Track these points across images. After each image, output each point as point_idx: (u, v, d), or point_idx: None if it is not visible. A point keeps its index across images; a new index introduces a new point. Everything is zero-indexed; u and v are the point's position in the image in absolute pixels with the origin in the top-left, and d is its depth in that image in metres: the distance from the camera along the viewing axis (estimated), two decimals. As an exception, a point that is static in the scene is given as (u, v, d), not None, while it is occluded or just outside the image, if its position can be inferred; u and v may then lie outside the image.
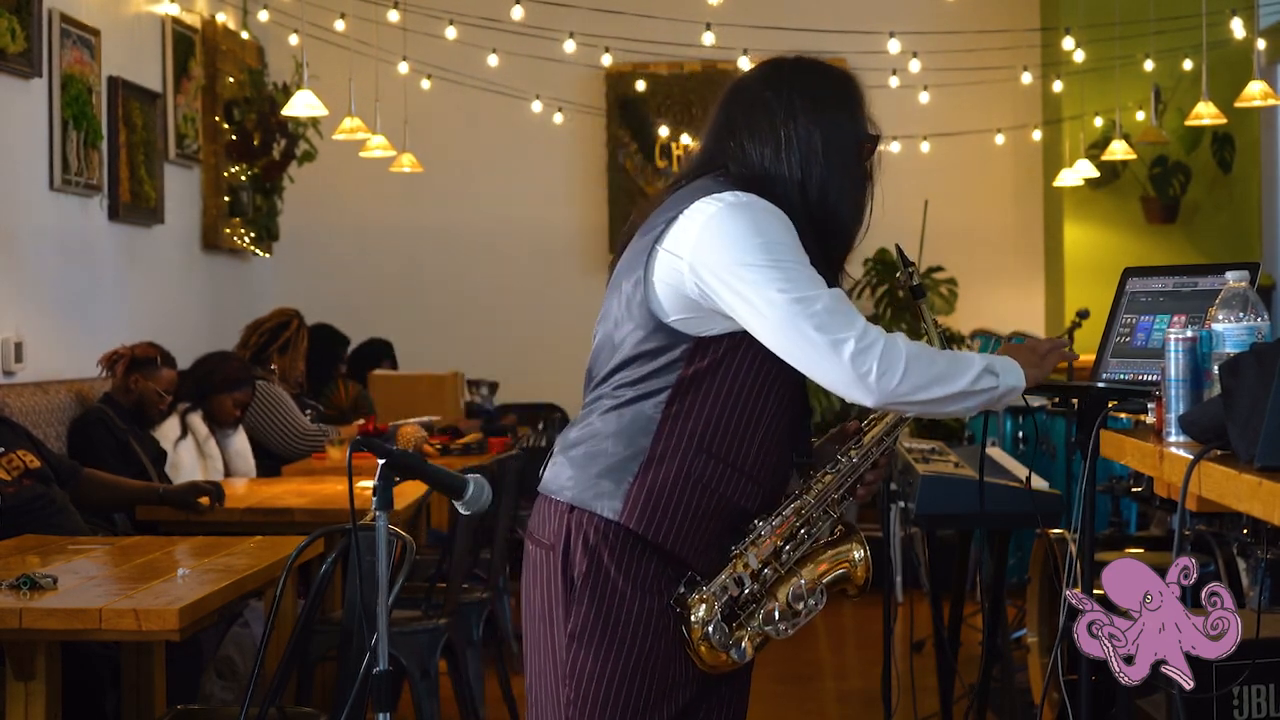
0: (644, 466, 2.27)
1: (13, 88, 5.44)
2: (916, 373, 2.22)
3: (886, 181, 2.55)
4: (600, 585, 2.27)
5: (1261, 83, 6.59)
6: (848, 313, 2.23)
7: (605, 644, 2.27)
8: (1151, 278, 2.65)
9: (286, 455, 6.05)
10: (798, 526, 2.32)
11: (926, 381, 2.23)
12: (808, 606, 2.31)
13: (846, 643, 6.57)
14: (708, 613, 2.25)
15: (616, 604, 2.27)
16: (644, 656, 2.27)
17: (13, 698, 3.06)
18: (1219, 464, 1.93)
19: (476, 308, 8.65)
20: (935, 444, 4.88)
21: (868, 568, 2.37)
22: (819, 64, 2.46)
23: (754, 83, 2.43)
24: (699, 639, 2.26)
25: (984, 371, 2.28)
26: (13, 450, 4.36)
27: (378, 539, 2.29)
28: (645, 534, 2.26)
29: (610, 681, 2.28)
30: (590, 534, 2.28)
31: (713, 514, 2.28)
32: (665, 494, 2.26)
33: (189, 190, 7.19)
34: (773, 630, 2.29)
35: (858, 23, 8.17)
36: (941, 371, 2.24)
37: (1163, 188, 8.34)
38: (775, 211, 2.29)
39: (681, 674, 2.30)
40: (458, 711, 4.45)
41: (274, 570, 3.54)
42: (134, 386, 5.31)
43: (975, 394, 2.27)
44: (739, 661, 2.29)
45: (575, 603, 2.29)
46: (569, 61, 8.10)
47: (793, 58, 2.47)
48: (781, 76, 2.41)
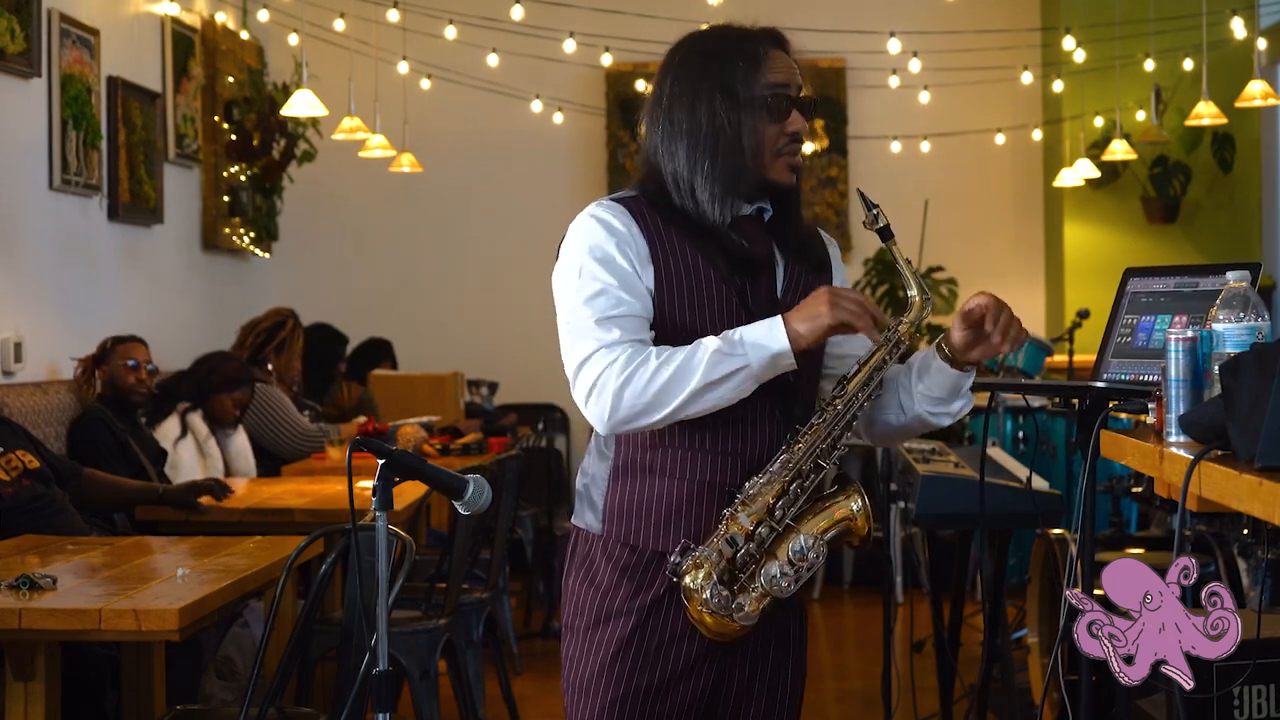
0: (613, 475, 2.35)
1: (12, 88, 5.44)
2: (632, 395, 2.21)
3: (887, 181, 2.54)
4: (588, 574, 2.36)
5: (1262, 82, 6.59)
6: (585, 338, 2.25)
7: (591, 630, 2.34)
8: (1152, 278, 2.65)
9: (287, 456, 6.06)
10: (789, 481, 2.27)
11: (647, 401, 2.21)
12: (810, 561, 2.26)
13: (846, 643, 6.57)
14: (704, 578, 2.24)
15: (601, 592, 2.34)
16: (631, 643, 2.31)
17: (12, 698, 3.06)
18: (1219, 464, 1.93)
19: (476, 308, 8.65)
20: (935, 444, 4.88)
21: (868, 517, 2.32)
22: (710, 40, 2.39)
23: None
24: (699, 605, 2.25)
25: (718, 355, 2.19)
26: (11, 450, 4.35)
27: (378, 539, 2.29)
28: (629, 540, 2.32)
29: (597, 667, 2.33)
30: (579, 543, 2.40)
31: (693, 498, 2.30)
32: (638, 498, 2.32)
33: (188, 190, 7.19)
34: (775, 588, 2.25)
35: (858, 23, 8.18)
36: (664, 383, 2.20)
37: (1163, 188, 8.34)
38: (594, 220, 2.31)
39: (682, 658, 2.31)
40: (458, 711, 4.45)
41: (274, 570, 3.54)
42: (104, 378, 5.32)
43: (720, 382, 2.20)
44: (744, 625, 2.26)
45: (569, 596, 2.39)
46: (569, 61, 8.10)
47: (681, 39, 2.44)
48: (664, 62, 2.40)
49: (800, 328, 2.21)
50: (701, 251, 2.31)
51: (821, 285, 2.36)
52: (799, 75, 2.37)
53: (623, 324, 2.26)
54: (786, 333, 2.21)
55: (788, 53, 2.39)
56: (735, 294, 2.32)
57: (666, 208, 2.34)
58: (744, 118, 2.31)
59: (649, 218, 2.33)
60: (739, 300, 2.32)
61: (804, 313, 2.22)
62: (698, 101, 2.33)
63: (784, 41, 2.40)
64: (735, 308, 2.31)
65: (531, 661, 6.07)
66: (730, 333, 2.23)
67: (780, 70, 2.34)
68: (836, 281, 2.47)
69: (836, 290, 2.24)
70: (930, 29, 8.14)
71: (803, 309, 2.23)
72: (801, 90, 2.37)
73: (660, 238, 2.31)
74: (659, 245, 2.31)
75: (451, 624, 4.27)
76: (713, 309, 2.30)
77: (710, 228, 2.31)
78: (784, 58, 2.37)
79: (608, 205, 2.34)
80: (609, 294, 2.27)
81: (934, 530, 5.31)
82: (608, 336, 2.24)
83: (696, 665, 2.32)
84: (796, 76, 2.36)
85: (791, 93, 2.34)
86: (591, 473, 2.39)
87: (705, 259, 2.30)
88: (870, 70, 8.40)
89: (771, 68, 2.34)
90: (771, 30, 2.40)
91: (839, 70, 8.59)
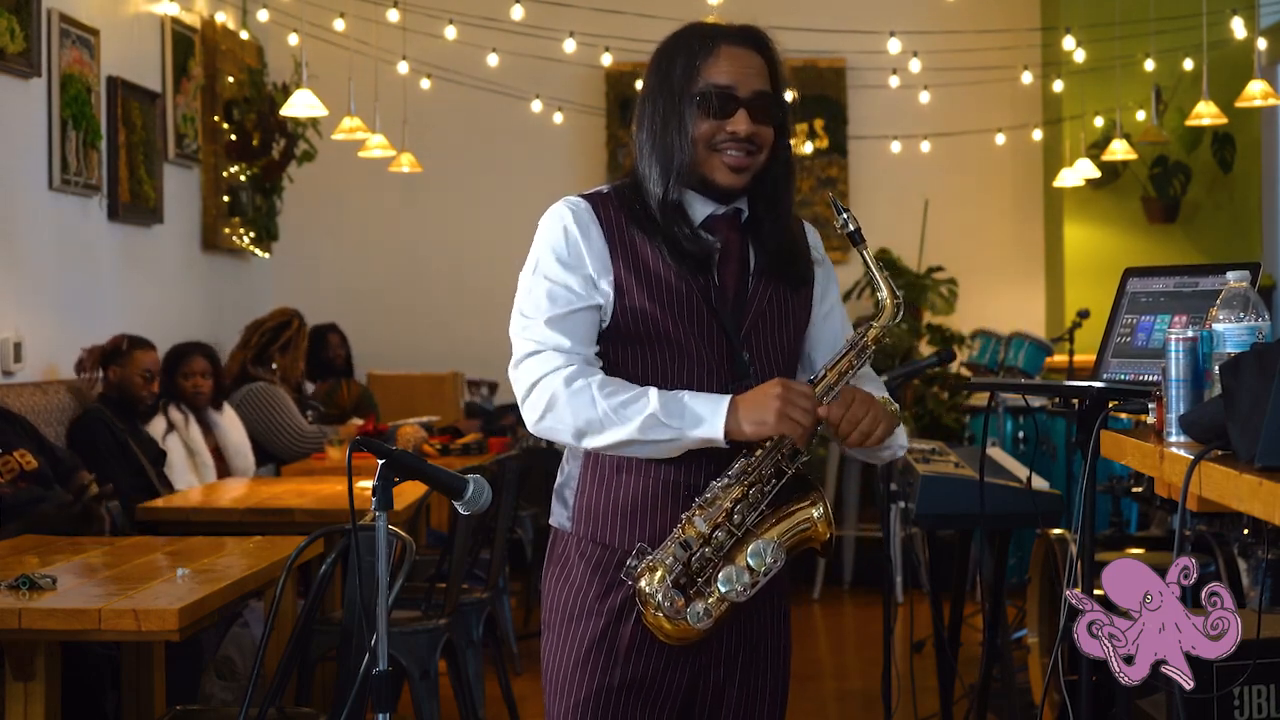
0: (584, 473, 2.36)
1: (12, 88, 5.44)
2: (559, 417, 2.26)
3: (887, 181, 2.54)
4: (562, 570, 2.38)
5: (1262, 82, 6.59)
6: (534, 335, 2.31)
7: (565, 626, 2.36)
8: (1152, 278, 2.64)
9: (284, 456, 6.06)
10: (748, 486, 2.24)
11: (576, 427, 2.25)
12: (767, 567, 2.23)
13: (846, 643, 6.57)
14: (658, 582, 2.22)
15: (574, 589, 2.35)
16: (604, 640, 2.32)
17: (12, 698, 3.06)
18: (1219, 464, 1.93)
19: (476, 308, 8.64)
20: (935, 444, 4.88)
21: (828, 524, 2.29)
22: (670, 38, 2.39)
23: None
24: (653, 610, 2.23)
25: (654, 419, 2.21)
26: (10, 451, 4.35)
27: (378, 539, 2.29)
28: (597, 538, 2.33)
29: (571, 664, 2.34)
30: (556, 541, 2.42)
31: (659, 498, 2.30)
32: (606, 496, 2.33)
33: (188, 190, 7.19)
34: (730, 593, 2.22)
35: (858, 23, 8.17)
36: (597, 419, 2.23)
37: (1163, 188, 8.34)
38: (556, 219, 2.33)
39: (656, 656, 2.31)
40: (458, 711, 4.45)
41: (274, 570, 3.54)
42: (113, 379, 5.32)
43: (651, 443, 2.23)
44: (700, 630, 2.24)
45: (545, 593, 2.42)
46: (569, 61, 8.10)
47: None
48: (649, 65, 2.40)
49: (745, 426, 2.21)
50: (656, 247, 2.31)
51: (799, 300, 2.38)
52: (763, 75, 2.32)
53: (574, 327, 2.30)
54: (727, 422, 2.21)
55: (760, 52, 2.34)
56: (698, 291, 2.30)
57: (634, 204, 2.34)
58: (678, 114, 2.30)
59: (613, 216, 2.33)
60: (700, 297, 2.31)
61: (751, 412, 2.21)
62: (648, 99, 2.35)
63: (754, 40, 2.35)
64: (697, 305, 2.30)
65: (531, 662, 6.06)
66: (676, 399, 2.23)
67: (726, 68, 2.30)
68: (819, 287, 2.44)
69: (789, 394, 2.21)
70: (930, 29, 8.14)
71: (752, 407, 2.21)
72: (761, 90, 2.31)
73: (620, 236, 2.32)
74: (617, 243, 2.31)
75: (451, 624, 4.27)
76: (677, 305, 2.30)
77: (663, 224, 2.31)
78: (741, 55, 2.32)
79: (573, 203, 2.35)
80: (562, 294, 2.30)
81: (934, 530, 5.31)
82: (560, 340, 2.29)
83: (671, 664, 2.33)
84: (753, 76, 2.31)
85: (738, 92, 2.29)
86: (567, 470, 2.40)
87: (658, 255, 2.31)
88: (870, 70, 8.40)
89: (715, 65, 2.30)
90: (741, 28, 2.36)
91: (839, 70, 8.59)
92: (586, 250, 2.31)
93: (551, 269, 2.32)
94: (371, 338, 8.37)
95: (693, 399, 2.22)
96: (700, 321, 2.30)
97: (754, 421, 2.21)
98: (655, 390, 2.24)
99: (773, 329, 2.37)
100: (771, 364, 2.35)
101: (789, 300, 2.39)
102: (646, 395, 2.23)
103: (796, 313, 2.41)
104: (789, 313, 2.39)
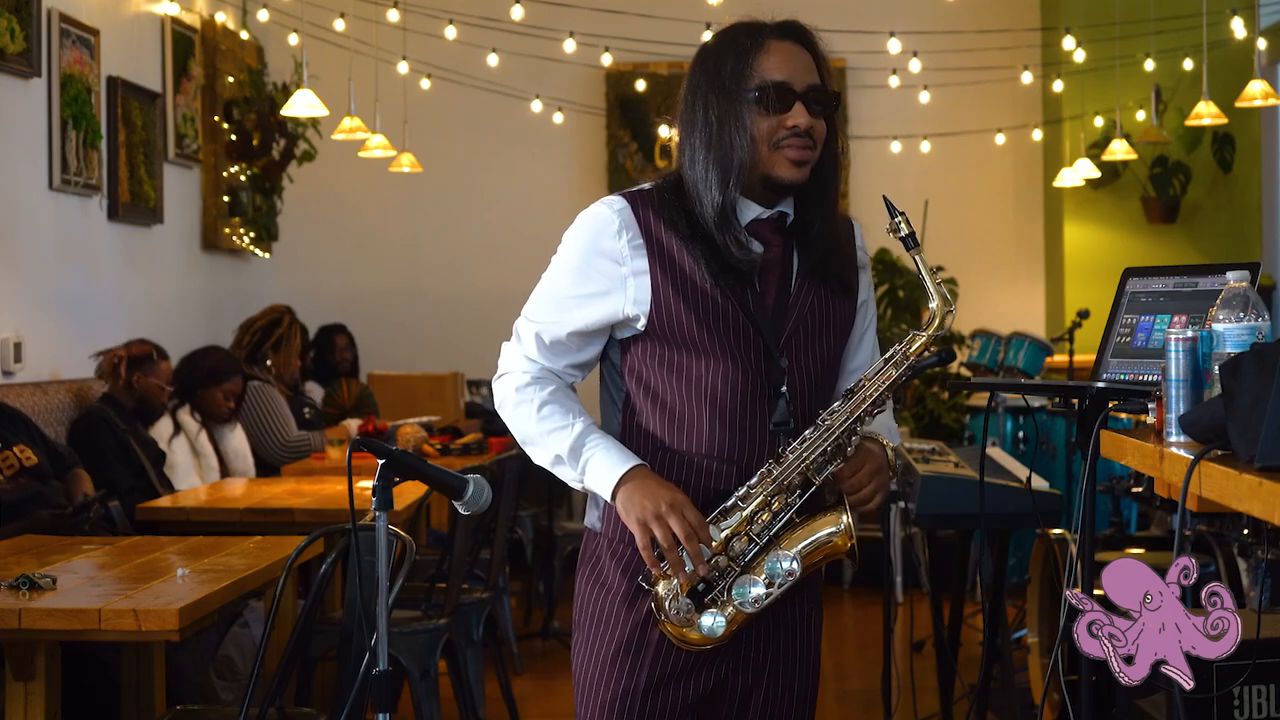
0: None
1: (12, 88, 5.44)
2: (507, 419, 2.38)
3: (887, 181, 2.52)
4: (593, 571, 2.38)
5: (1262, 82, 6.59)
6: (517, 326, 2.39)
7: (596, 628, 2.35)
8: (1152, 278, 2.64)
9: (269, 460, 6.03)
10: (771, 495, 2.23)
11: (519, 436, 2.37)
12: (783, 579, 2.23)
13: (846, 643, 6.57)
14: (671, 588, 2.23)
15: (605, 589, 2.35)
16: (633, 641, 2.31)
17: (12, 698, 3.06)
18: (1219, 464, 1.93)
19: (476, 308, 8.64)
20: (935, 444, 4.88)
21: (849, 535, 2.26)
22: (715, 37, 2.37)
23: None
24: (663, 616, 2.24)
25: (558, 460, 2.31)
26: (10, 447, 4.35)
27: (378, 539, 2.29)
28: (628, 539, 2.30)
29: (601, 664, 2.34)
30: (588, 541, 2.42)
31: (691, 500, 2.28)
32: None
33: (188, 190, 7.19)
34: (744, 603, 2.22)
35: (858, 23, 8.17)
36: (528, 435, 2.35)
37: (1163, 188, 8.34)
38: (590, 224, 2.32)
39: (684, 658, 2.30)
40: (458, 711, 4.45)
41: (274, 570, 3.54)
42: (136, 385, 5.32)
43: (557, 471, 2.34)
44: (712, 638, 2.23)
45: (577, 593, 2.42)
46: (569, 61, 8.10)
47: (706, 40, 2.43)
48: (691, 67, 2.37)
49: (619, 503, 2.24)
50: (695, 257, 2.26)
51: (841, 306, 2.35)
52: (811, 69, 2.30)
53: (557, 343, 2.34)
54: (615, 491, 2.24)
55: (805, 45, 2.32)
56: (735, 301, 2.27)
57: (675, 209, 2.29)
58: (735, 113, 2.26)
59: (651, 222, 2.29)
60: (738, 306, 2.27)
61: (630, 497, 2.23)
62: (697, 101, 2.30)
63: (798, 34, 2.32)
64: (733, 311, 2.27)
65: (531, 661, 6.06)
66: (590, 445, 2.27)
67: (779, 63, 2.27)
68: (863, 292, 2.43)
69: (676, 513, 2.19)
70: (930, 29, 8.14)
71: (635, 494, 2.22)
72: (814, 84, 2.28)
73: (658, 242, 2.28)
74: (654, 250, 2.27)
75: (451, 624, 4.27)
76: (713, 316, 2.26)
77: (709, 231, 2.27)
78: (790, 49, 2.29)
79: (615, 206, 2.31)
80: (559, 303, 2.33)
81: (934, 530, 5.31)
82: (536, 352, 2.36)
83: (698, 666, 2.32)
84: (803, 70, 2.28)
85: (793, 85, 2.26)
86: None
87: (697, 264, 2.26)
88: (870, 70, 8.40)
89: (768, 60, 2.27)
90: (784, 23, 2.33)
91: (839, 70, 8.58)
92: (617, 256, 2.28)
93: (562, 276, 2.33)
94: (372, 337, 8.37)
95: (604, 453, 2.27)
96: (737, 329, 2.27)
97: (625, 506, 2.23)
98: (580, 426, 2.29)
99: (814, 336, 2.33)
100: (811, 371, 2.31)
101: (831, 305, 2.35)
102: (569, 429, 2.29)
103: (839, 318, 2.37)
104: (830, 318, 2.35)
